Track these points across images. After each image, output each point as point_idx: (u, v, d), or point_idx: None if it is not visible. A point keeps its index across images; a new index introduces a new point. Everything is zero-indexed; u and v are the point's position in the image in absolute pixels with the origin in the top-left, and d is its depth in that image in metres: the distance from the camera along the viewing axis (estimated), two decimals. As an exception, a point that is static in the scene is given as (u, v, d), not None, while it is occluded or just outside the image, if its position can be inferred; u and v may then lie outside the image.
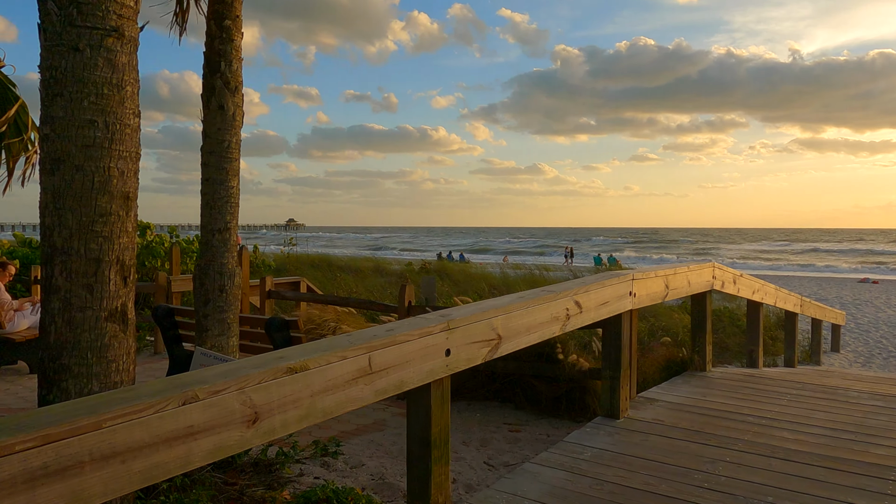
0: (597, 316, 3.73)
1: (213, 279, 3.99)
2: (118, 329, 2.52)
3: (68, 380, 2.44)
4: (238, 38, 4.07)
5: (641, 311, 10.86)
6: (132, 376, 2.64)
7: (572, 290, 3.49)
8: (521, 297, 3.25)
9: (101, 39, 2.43)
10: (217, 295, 3.98)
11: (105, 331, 2.48)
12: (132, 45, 2.54)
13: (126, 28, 2.50)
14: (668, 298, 4.59)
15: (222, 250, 4.01)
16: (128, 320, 2.57)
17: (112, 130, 2.47)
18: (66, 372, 2.45)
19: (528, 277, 18.16)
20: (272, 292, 7.20)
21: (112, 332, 2.50)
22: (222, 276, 4.00)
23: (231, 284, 4.03)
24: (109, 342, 2.49)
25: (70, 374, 2.45)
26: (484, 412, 5.29)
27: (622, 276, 3.97)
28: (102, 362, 2.48)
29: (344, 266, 20.19)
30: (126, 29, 2.50)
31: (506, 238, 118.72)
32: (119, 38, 2.47)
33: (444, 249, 55.78)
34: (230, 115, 4.04)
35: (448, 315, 2.76)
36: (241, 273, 4.14)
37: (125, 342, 2.56)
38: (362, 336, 2.38)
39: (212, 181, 4.05)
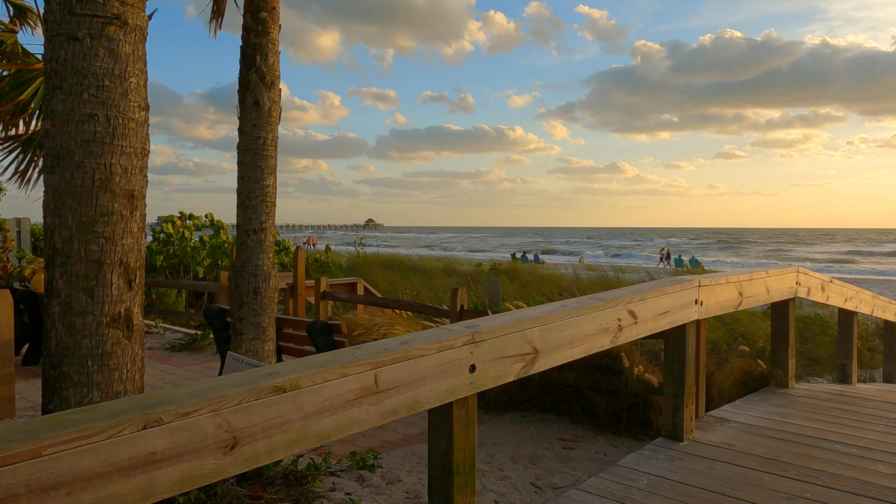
0: (655, 327, 3.34)
1: (247, 281, 3.85)
2: (121, 336, 2.38)
3: (68, 388, 2.32)
4: (275, 30, 3.92)
5: (719, 317, 10.15)
6: (139, 386, 2.50)
7: (625, 298, 3.13)
8: (563, 305, 2.92)
9: (102, 28, 2.29)
10: (251, 298, 3.84)
11: (107, 337, 2.34)
12: (137, 33, 2.39)
13: (129, 16, 2.35)
14: (742, 307, 4.12)
15: (257, 251, 3.87)
16: (133, 326, 2.43)
17: (114, 125, 2.32)
18: (67, 380, 2.32)
19: (601, 280, 17.56)
20: (327, 293, 7.09)
21: (114, 339, 2.36)
22: (257, 279, 3.85)
23: (266, 287, 3.88)
24: (112, 349, 2.35)
25: (70, 382, 2.32)
26: (537, 426, 4.95)
27: (686, 283, 3.56)
28: (104, 371, 2.34)
29: (414, 266, 20.17)
30: (129, 16, 2.35)
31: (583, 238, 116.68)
32: (122, 27, 2.33)
33: (519, 250, 55.22)
34: (265, 111, 3.89)
35: (475, 326, 2.47)
36: (276, 275, 3.99)
37: (129, 350, 2.42)
38: (370, 350, 2.13)
39: (246, 180, 3.91)
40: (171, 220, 13.00)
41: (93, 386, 2.33)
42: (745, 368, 5.12)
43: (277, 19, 3.96)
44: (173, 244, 12.68)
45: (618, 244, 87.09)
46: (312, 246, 43.06)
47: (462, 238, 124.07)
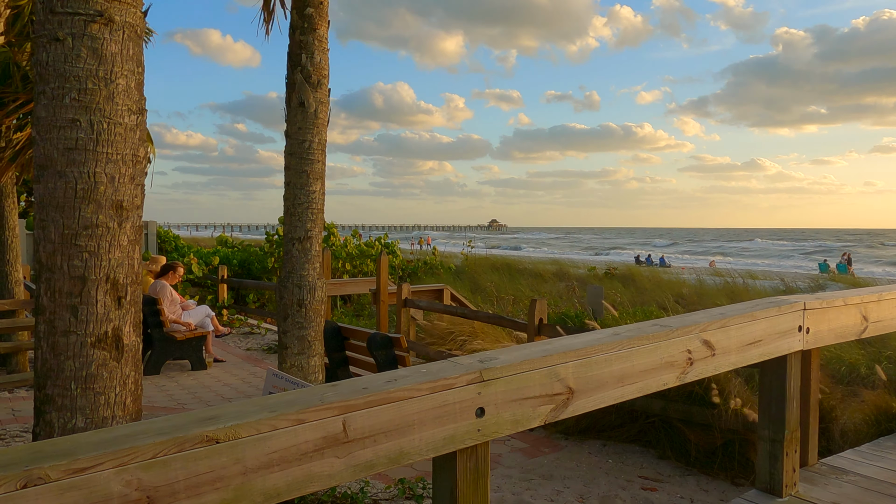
0: (740, 360, 2.76)
1: (291, 293, 3.66)
2: (108, 357, 2.22)
3: (52, 412, 2.19)
4: (322, 27, 3.70)
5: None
6: (130, 411, 2.33)
7: (699, 324, 2.59)
8: (615, 333, 2.44)
9: (85, 26, 2.13)
10: (296, 310, 3.64)
11: (91, 358, 2.19)
12: (127, 31, 2.22)
13: (116, 12, 2.18)
14: (868, 334, 3.38)
15: (302, 261, 3.67)
16: (123, 347, 2.26)
17: (97, 130, 2.16)
18: (51, 403, 2.19)
19: (727, 287, 16.22)
20: (408, 301, 6.87)
21: (100, 361, 2.20)
22: (301, 290, 3.65)
23: (311, 299, 3.67)
24: (97, 372, 2.20)
25: (54, 405, 2.19)
26: (619, 458, 4.40)
27: (786, 305, 2.92)
28: (88, 394, 2.19)
29: (524, 269, 19.67)
30: (116, 13, 2.18)
31: (717, 240, 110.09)
32: (107, 24, 2.16)
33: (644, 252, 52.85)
34: (311, 113, 3.68)
35: (489, 360, 2.07)
36: (325, 286, 3.77)
37: (118, 372, 2.25)
38: (342, 390, 1.80)
39: (292, 186, 3.72)
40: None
41: (76, 410, 2.19)
42: (878, 403, 4.26)
43: (326, 15, 3.74)
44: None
45: (757, 247, 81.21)
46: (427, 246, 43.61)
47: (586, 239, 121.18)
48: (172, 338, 7.05)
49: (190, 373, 7.10)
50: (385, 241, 16.41)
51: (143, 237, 2.37)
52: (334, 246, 13.88)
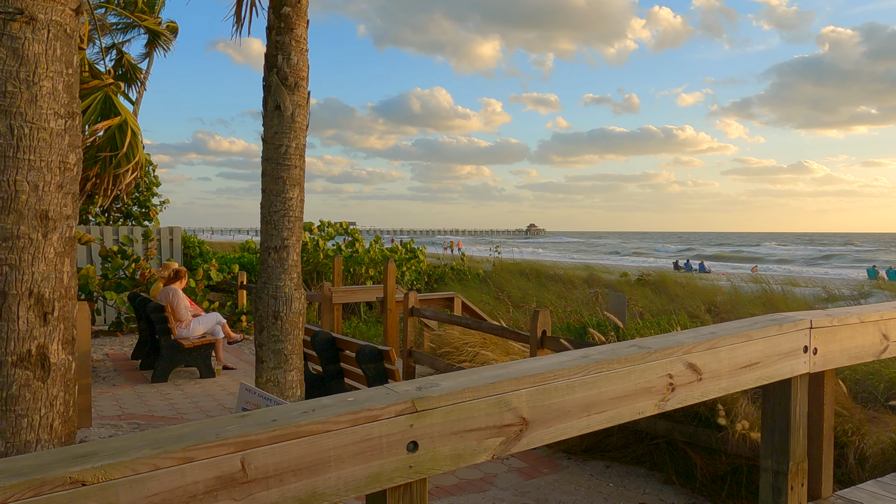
0: (733, 385, 2.49)
1: (266, 304, 3.50)
2: (31, 377, 2.09)
3: (-29, 435, 2.06)
4: (299, 27, 3.54)
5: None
6: (59, 434, 2.19)
7: (683, 345, 2.34)
8: (583, 356, 2.20)
9: (4, 25, 2.01)
10: (271, 323, 3.49)
11: (12, 379, 2.06)
12: (53, 30, 2.09)
13: (40, 10, 2.05)
14: (889, 354, 3.06)
15: (278, 271, 3.51)
16: (49, 366, 2.13)
17: (18, 136, 2.03)
18: (-30, 426, 2.07)
19: (763, 296, 15.63)
20: (415, 310, 6.67)
21: (22, 381, 2.07)
22: (277, 301, 3.49)
23: (287, 311, 3.51)
24: (19, 392, 2.07)
25: (-27, 428, 2.06)
26: (621, 481, 4.12)
27: (788, 323, 2.64)
28: (9, 417, 2.06)
29: (554, 275, 19.31)
30: (40, 11, 2.05)
31: (760, 244, 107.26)
32: (29, 23, 2.03)
33: (683, 257, 51.70)
34: (288, 116, 3.53)
35: (427, 387, 1.87)
36: (302, 298, 3.61)
37: (43, 393, 2.12)
38: (246, 423, 1.61)
39: (268, 192, 3.57)
40: (308, 228, 13.39)
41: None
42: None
43: (304, 14, 3.59)
44: (308, 252, 13.04)
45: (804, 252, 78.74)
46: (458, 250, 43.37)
47: (625, 244, 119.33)
48: (180, 345, 7.00)
49: (197, 381, 7.05)
50: (411, 247, 16.27)
51: (75, 249, 2.24)
52: (357, 252, 13.79)
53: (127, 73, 8.68)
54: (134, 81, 8.77)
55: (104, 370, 7.58)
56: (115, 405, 6.01)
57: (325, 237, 13.51)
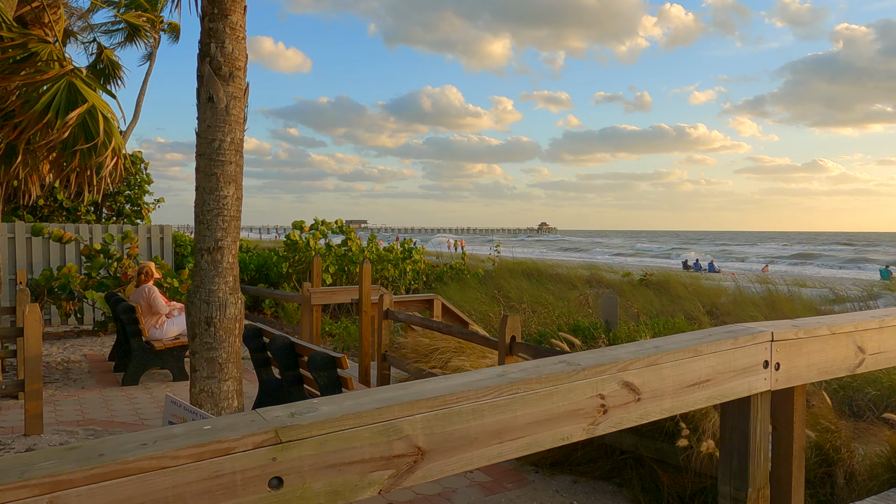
0: (679, 405, 2.25)
1: (199, 309, 3.29)
2: None
3: None
4: (235, 13, 3.32)
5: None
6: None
7: (619, 362, 2.10)
8: (499, 374, 1.97)
9: None
10: (203, 329, 3.27)
11: None
12: None
13: None
14: (864, 369, 2.79)
15: (212, 274, 3.29)
16: None
17: None
18: None
19: (769, 296, 15.30)
20: (389, 312, 6.44)
21: None
22: (209, 307, 3.28)
23: (221, 317, 3.29)
24: None
25: None
26: (587, 498, 3.87)
27: (745, 336, 2.39)
28: None
29: (555, 275, 19.03)
30: None
31: (774, 244, 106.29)
32: None
33: (692, 257, 51.14)
34: (222, 109, 3.31)
35: (301, 414, 1.64)
36: (239, 303, 3.38)
37: None
38: (68, 457, 1.38)
39: (200, 190, 3.36)
40: (300, 226, 13.19)
41: None
42: (894, 444, 3.61)
43: (241, 0, 3.36)
44: (300, 251, 12.83)
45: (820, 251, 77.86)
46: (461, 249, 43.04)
47: (635, 243, 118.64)
48: (152, 347, 6.81)
49: (169, 384, 6.85)
50: (409, 246, 16.05)
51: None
52: (351, 251, 13.56)
53: (106, 68, 8.51)
54: (115, 77, 8.60)
55: (78, 372, 7.41)
56: (77, 410, 5.82)
57: (318, 235, 13.30)
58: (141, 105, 25.73)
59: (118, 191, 12.84)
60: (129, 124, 26.00)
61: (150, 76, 26.32)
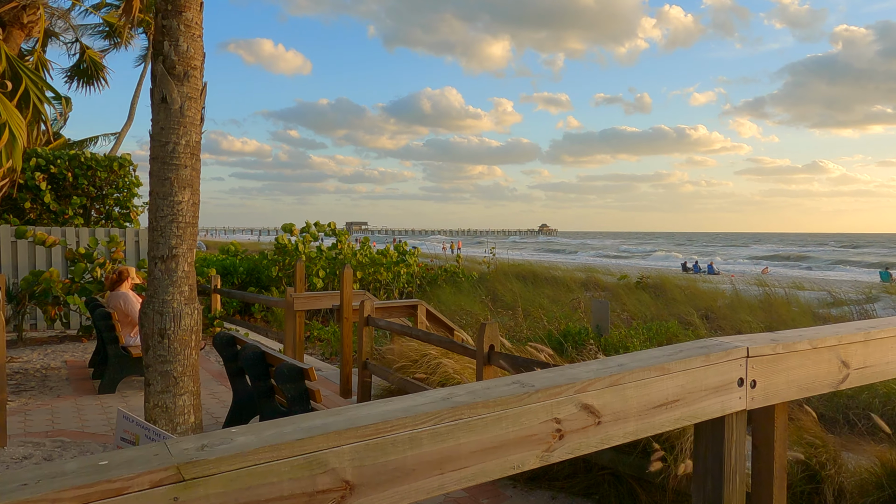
0: (645, 428, 2.09)
1: (152, 321, 3.14)
2: None
3: None
4: (190, 10, 3.16)
5: None
6: None
7: (577, 382, 1.95)
8: (444, 398, 1.82)
9: None
10: (157, 341, 3.12)
11: None
12: None
13: None
14: (849, 385, 2.64)
15: (165, 283, 3.14)
16: None
17: None
18: None
19: (766, 300, 15.12)
20: (370, 319, 6.28)
21: None
22: (163, 318, 3.13)
23: (176, 328, 3.14)
24: None
25: None
26: (564, 516, 3.71)
27: (719, 352, 2.24)
28: None
29: (551, 278, 18.87)
30: None
31: (774, 245, 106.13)
32: None
33: (691, 259, 50.94)
34: (176, 110, 3.15)
35: (212, 446, 1.48)
36: (195, 313, 3.23)
37: None
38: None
39: (154, 196, 3.21)
40: (289, 229, 13.03)
41: None
42: (884, 459, 3.45)
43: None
44: (290, 254, 12.68)
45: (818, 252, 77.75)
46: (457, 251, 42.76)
47: (636, 244, 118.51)
48: (128, 354, 6.65)
49: (147, 392, 6.69)
50: (404, 248, 15.89)
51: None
52: (342, 254, 13.40)
53: (89, 69, 8.37)
54: (98, 78, 8.45)
55: (56, 379, 7.26)
56: (48, 419, 5.67)
57: (308, 238, 13.13)
58: (136, 107, 25.65)
59: (107, 193, 12.69)
60: (124, 126, 25.91)
61: (144, 78, 26.17)
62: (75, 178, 12.09)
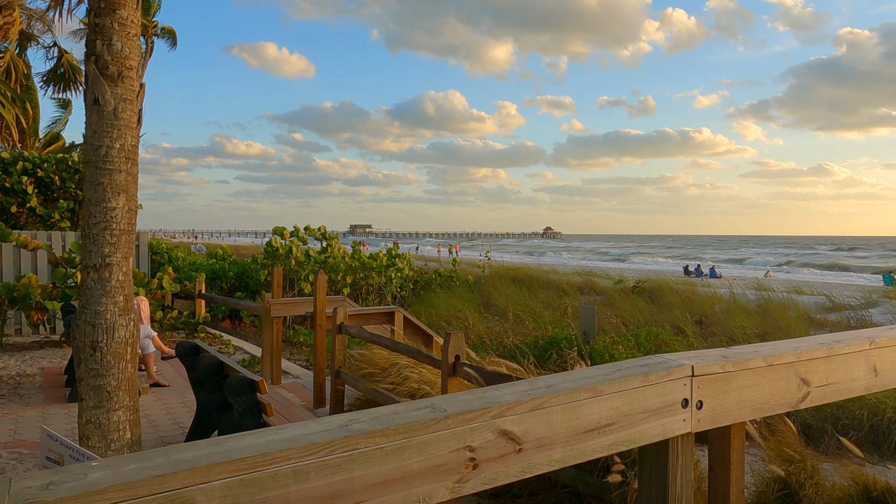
0: (574, 455, 1.94)
1: (83, 332, 2.99)
2: None
3: None
4: (125, 8, 3.03)
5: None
6: None
7: (493, 407, 1.80)
8: (341, 426, 1.67)
9: None
10: (89, 354, 2.98)
11: None
12: None
13: None
14: (810, 403, 2.48)
15: (98, 294, 3.00)
16: None
17: None
18: None
19: (763, 305, 14.92)
20: (343, 326, 6.13)
21: None
22: (95, 330, 2.98)
23: (109, 341, 2.99)
24: None
25: None
26: (525, 536, 3.54)
27: (660, 371, 2.08)
28: None
29: (547, 282, 18.68)
30: None
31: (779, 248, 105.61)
32: None
33: (693, 262, 50.62)
34: (109, 112, 3.02)
35: (61, 483, 1.34)
36: (130, 325, 3.08)
37: None
38: None
39: (87, 202, 3.06)
40: (280, 233, 12.89)
41: None
42: (856, 478, 3.28)
43: (134, -9, 3.08)
44: (279, 258, 12.54)
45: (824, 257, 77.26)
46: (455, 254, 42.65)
47: (640, 247, 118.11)
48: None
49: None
50: (396, 252, 15.74)
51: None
52: (332, 258, 13.26)
53: (66, 73, 8.25)
54: (76, 81, 8.33)
55: (29, 386, 7.14)
56: (10, 430, 5.54)
57: (296, 242, 12.98)
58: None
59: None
60: (120, 130, 25.81)
61: (141, 81, 26.09)
62: (62, 181, 12.01)
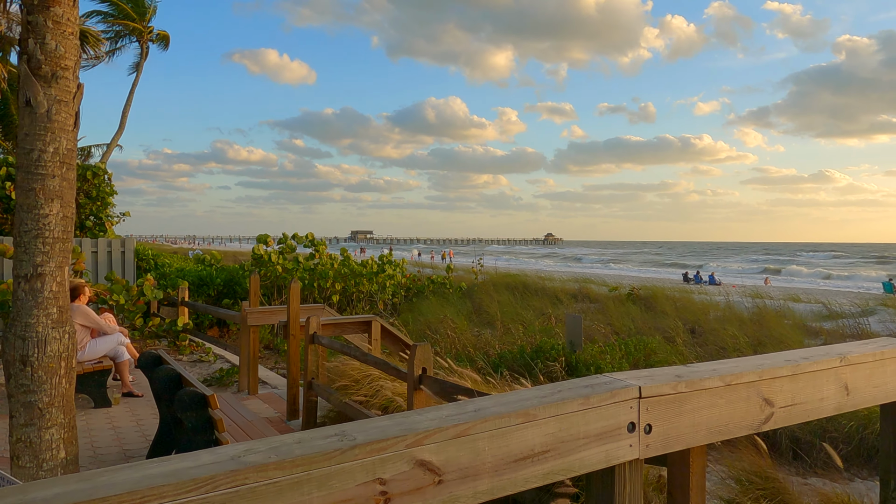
0: (505, 485, 1.78)
1: (13, 346, 2.84)
2: None
3: None
4: (60, 5, 2.89)
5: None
6: None
7: (408, 435, 1.65)
8: (232, 458, 1.50)
9: None
10: (19, 369, 2.82)
11: None
12: None
13: None
14: (774, 425, 2.31)
15: (29, 305, 2.85)
16: None
17: None
18: None
19: (758, 313, 14.72)
20: (316, 336, 5.97)
21: None
22: (25, 343, 2.83)
23: (41, 355, 2.84)
24: None
25: None
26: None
27: (602, 393, 1.93)
28: None
29: (542, 289, 18.50)
30: None
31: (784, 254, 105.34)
32: None
33: (692, 269, 50.42)
34: (42, 114, 2.87)
35: None
36: (65, 338, 2.93)
37: None
38: None
39: (19, 208, 2.91)
40: (264, 240, 12.75)
41: None
42: (833, 500, 3.11)
43: (71, -13, 2.94)
44: (265, 265, 12.39)
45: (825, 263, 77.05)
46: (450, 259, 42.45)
47: (640, 254, 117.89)
48: (72, 371, 6.37)
49: (88, 411, 6.39)
50: (389, 259, 15.58)
51: None
52: (321, 264, 13.10)
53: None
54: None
55: (2, 396, 6.96)
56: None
57: (285, 249, 12.84)
58: (127, 115, 25.53)
59: (81, 203, 12.44)
60: (114, 135, 25.75)
61: (136, 87, 26.02)
62: (49, 187, 11.81)
